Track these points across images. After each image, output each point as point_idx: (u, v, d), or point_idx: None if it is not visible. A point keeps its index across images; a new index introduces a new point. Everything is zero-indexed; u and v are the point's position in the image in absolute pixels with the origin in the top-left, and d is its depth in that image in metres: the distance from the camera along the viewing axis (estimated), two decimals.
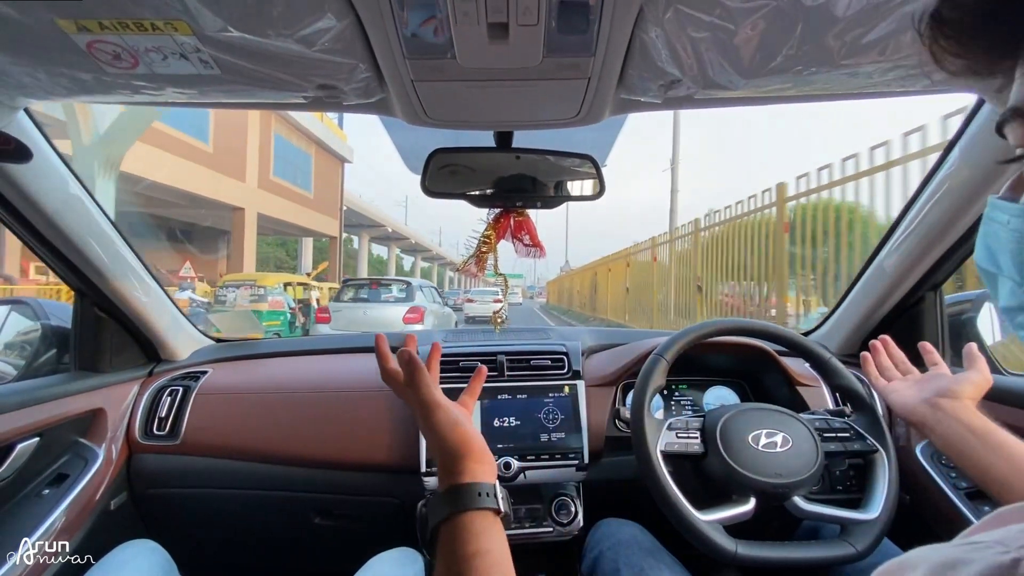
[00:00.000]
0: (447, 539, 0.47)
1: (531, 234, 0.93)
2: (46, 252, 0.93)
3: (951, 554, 0.24)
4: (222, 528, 1.16)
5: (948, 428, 0.72)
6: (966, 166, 0.85)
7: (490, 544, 0.46)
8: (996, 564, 0.22)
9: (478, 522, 0.47)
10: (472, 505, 0.47)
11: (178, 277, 11.34)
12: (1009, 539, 0.23)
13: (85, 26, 0.53)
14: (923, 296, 1.06)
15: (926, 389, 0.75)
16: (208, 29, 0.54)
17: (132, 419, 1.08)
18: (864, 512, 0.79)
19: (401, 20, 0.53)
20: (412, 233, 41.76)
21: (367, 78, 0.65)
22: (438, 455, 0.53)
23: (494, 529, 0.47)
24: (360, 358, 1.29)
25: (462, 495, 0.48)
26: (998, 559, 0.22)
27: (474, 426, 0.56)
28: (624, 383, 1.12)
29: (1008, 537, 0.23)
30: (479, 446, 0.52)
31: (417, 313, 7.63)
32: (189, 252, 16.76)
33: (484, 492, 0.48)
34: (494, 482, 0.50)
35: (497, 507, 0.48)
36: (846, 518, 0.79)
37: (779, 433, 0.82)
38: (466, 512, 0.47)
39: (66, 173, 0.88)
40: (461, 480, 0.49)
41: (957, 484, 0.89)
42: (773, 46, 0.58)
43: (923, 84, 0.66)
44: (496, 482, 0.50)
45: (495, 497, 0.48)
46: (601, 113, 0.74)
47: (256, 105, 0.77)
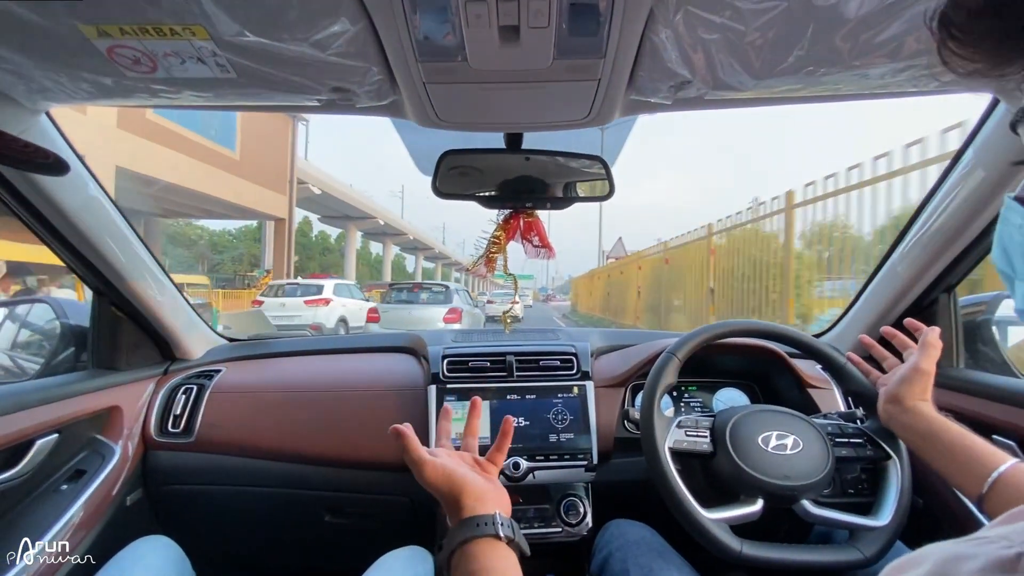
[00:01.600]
0: (456, 566, 0.52)
1: (540, 235, 0.94)
2: (66, 252, 0.95)
3: (957, 549, 0.25)
4: (235, 525, 1.18)
5: (901, 432, 0.75)
6: (980, 166, 0.84)
7: (493, 563, 0.50)
8: (999, 558, 0.23)
9: (480, 547, 0.52)
10: (471, 534, 0.52)
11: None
12: (1014, 535, 0.24)
13: (106, 31, 0.55)
14: (936, 298, 1.04)
15: (885, 389, 0.77)
16: (225, 33, 0.55)
17: (148, 417, 1.10)
18: (874, 519, 0.78)
19: (413, 23, 0.54)
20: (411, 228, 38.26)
21: (379, 81, 0.66)
22: (441, 503, 0.59)
23: (496, 552, 0.52)
24: (372, 357, 1.30)
25: (463, 528, 0.53)
26: (1001, 553, 0.23)
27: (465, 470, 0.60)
28: (633, 384, 1.12)
29: (1013, 532, 0.24)
30: (473, 487, 0.57)
31: (456, 314, 8.38)
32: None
33: (482, 522, 0.53)
34: (494, 512, 0.54)
35: (496, 533, 0.52)
36: (855, 524, 0.78)
37: (790, 436, 0.81)
38: (468, 541, 0.52)
39: (86, 175, 0.90)
40: (462, 516, 0.55)
41: None
42: (784, 47, 0.58)
43: (935, 84, 0.66)
44: (497, 512, 0.54)
45: (494, 525, 0.53)
46: (611, 114, 0.75)
47: (270, 108, 0.78)
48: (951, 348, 1.05)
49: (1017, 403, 0.84)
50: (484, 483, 0.59)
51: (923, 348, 0.74)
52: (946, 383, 0.99)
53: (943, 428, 0.68)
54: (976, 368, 1.05)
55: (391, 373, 1.19)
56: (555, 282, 71.42)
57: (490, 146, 0.87)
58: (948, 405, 0.95)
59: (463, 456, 0.64)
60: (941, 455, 0.67)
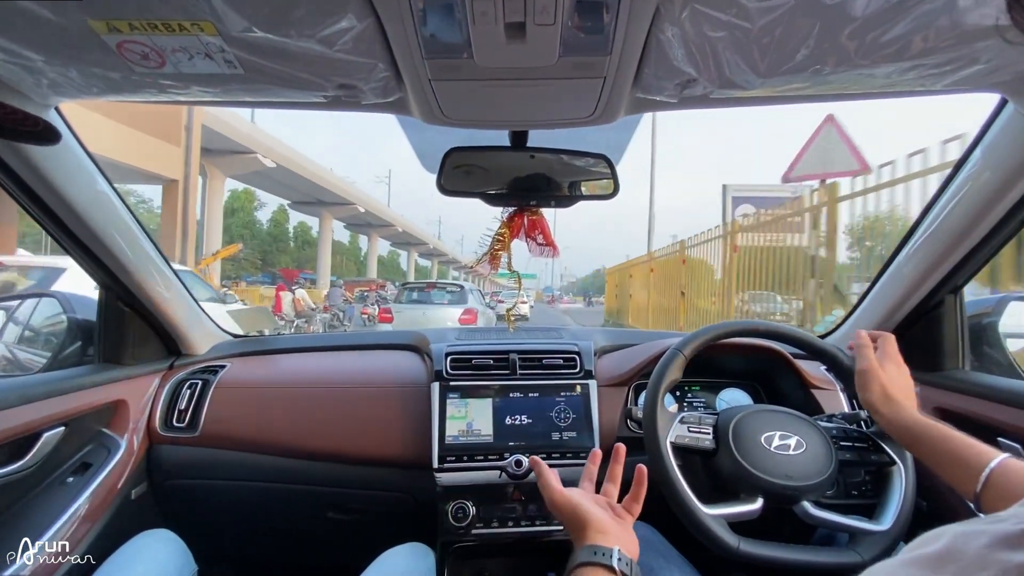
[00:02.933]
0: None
1: (544, 233, 0.94)
2: (74, 247, 0.96)
3: (972, 527, 0.28)
4: (238, 520, 1.18)
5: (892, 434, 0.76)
6: (987, 167, 0.83)
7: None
8: (1006, 533, 0.25)
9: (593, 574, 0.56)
10: (587, 560, 0.57)
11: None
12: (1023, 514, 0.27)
13: (116, 26, 0.55)
14: (943, 299, 1.04)
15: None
16: (233, 29, 0.55)
17: (153, 411, 1.10)
18: (876, 523, 0.78)
19: (420, 20, 0.54)
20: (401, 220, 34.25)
21: (385, 78, 0.66)
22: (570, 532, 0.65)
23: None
24: (376, 355, 1.31)
25: (582, 553, 0.58)
26: (1009, 528, 0.26)
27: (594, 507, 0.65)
28: (636, 383, 1.12)
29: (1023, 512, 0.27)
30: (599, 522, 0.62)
31: (471, 315, 8.12)
32: None
33: (599, 552, 0.58)
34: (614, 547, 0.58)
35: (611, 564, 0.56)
36: (855, 527, 0.78)
37: (793, 436, 0.81)
38: (583, 566, 0.57)
39: (93, 170, 0.91)
40: (583, 544, 0.60)
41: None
42: (790, 45, 0.58)
43: (943, 84, 0.65)
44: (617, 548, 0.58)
45: (609, 557, 0.57)
46: (616, 112, 0.75)
47: (277, 104, 0.79)
48: (957, 350, 1.04)
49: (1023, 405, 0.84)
50: (611, 521, 0.63)
51: (857, 350, 0.80)
52: (951, 385, 0.98)
53: (924, 430, 0.69)
54: (982, 370, 1.04)
55: (395, 370, 1.19)
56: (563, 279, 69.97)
57: (495, 144, 0.87)
58: (953, 407, 0.95)
59: (598, 499, 0.68)
60: (928, 456, 0.68)
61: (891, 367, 0.78)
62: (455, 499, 1.01)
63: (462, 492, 1.01)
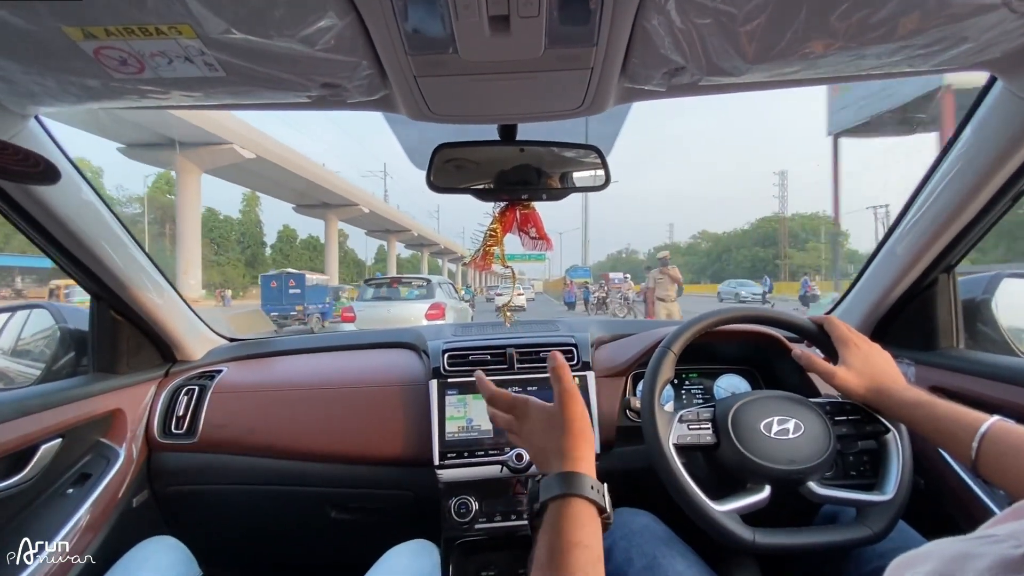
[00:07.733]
0: (554, 518, 0.50)
1: (537, 227, 0.93)
2: (62, 258, 0.94)
3: (963, 548, 0.25)
4: (241, 523, 1.19)
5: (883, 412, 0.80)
6: (978, 146, 0.83)
7: (592, 540, 0.49)
8: (1006, 558, 0.22)
9: (585, 513, 0.50)
10: (583, 493, 0.51)
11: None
12: (1022, 533, 0.23)
13: (91, 32, 0.54)
14: (936, 278, 1.04)
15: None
16: (212, 32, 0.54)
17: (151, 419, 1.10)
18: (879, 494, 0.79)
19: (402, 16, 0.53)
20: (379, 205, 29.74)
21: (370, 75, 0.65)
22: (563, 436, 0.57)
23: (595, 524, 0.50)
24: (373, 354, 1.30)
25: (577, 481, 0.52)
26: (1008, 553, 0.23)
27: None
28: (634, 373, 1.12)
29: (1021, 531, 0.24)
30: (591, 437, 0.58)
31: (438, 310, 7.89)
32: None
33: (595, 487, 0.52)
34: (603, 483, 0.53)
35: (603, 505, 0.52)
36: (861, 500, 0.79)
37: (791, 420, 0.81)
38: (576, 498, 0.50)
39: (79, 179, 0.89)
40: (577, 468, 0.53)
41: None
42: (778, 30, 0.57)
43: (932, 64, 0.65)
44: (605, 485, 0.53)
45: (603, 496, 0.52)
46: (605, 103, 0.74)
47: (261, 106, 0.78)
48: (951, 329, 1.05)
49: (1018, 382, 0.84)
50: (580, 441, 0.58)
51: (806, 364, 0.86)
52: (946, 364, 0.99)
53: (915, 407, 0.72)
54: (976, 348, 1.05)
55: (392, 369, 1.19)
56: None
57: (484, 138, 0.87)
58: (949, 386, 0.95)
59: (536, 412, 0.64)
60: (921, 425, 0.71)
61: (857, 358, 0.81)
62: (457, 495, 1.01)
63: (464, 488, 1.01)
